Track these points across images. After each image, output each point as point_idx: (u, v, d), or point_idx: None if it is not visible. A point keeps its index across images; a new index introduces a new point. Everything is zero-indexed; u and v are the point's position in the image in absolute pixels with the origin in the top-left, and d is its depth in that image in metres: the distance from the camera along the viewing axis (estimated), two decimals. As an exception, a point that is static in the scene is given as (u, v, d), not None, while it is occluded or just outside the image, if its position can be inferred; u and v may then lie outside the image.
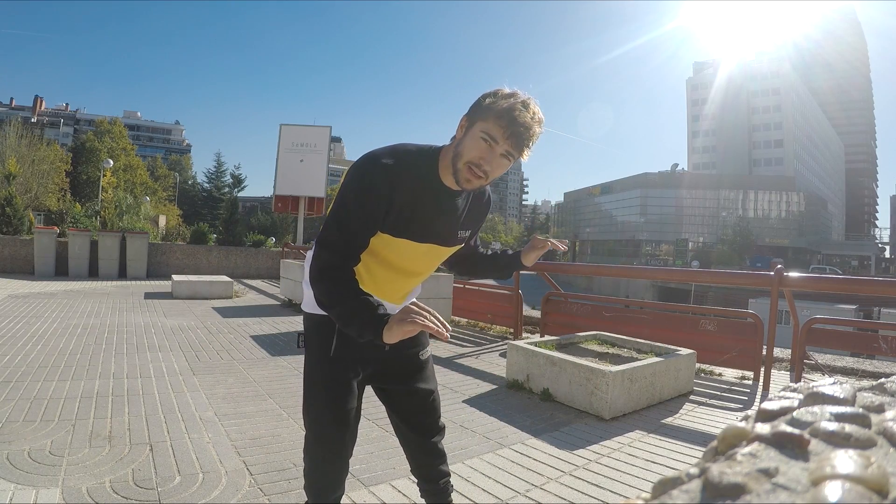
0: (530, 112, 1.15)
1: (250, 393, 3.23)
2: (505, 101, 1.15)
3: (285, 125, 13.65)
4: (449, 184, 1.23)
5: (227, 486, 1.98)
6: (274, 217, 34.44)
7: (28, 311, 5.71)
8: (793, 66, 74.19)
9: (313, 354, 1.35)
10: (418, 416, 1.44)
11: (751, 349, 4.06)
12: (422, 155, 1.24)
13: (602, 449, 2.53)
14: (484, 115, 1.15)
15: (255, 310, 7.00)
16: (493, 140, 1.14)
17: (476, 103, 1.18)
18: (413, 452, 1.47)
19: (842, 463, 0.28)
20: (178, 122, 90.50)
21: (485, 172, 1.17)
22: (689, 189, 62.97)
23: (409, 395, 1.42)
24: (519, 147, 1.15)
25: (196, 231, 12.84)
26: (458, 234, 1.34)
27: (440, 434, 1.48)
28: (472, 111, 1.18)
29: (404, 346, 1.38)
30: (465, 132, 1.18)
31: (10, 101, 79.46)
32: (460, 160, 1.17)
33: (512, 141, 1.14)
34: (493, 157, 1.16)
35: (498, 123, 1.13)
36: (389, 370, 1.40)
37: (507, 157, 1.17)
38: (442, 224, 1.29)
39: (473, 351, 4.88)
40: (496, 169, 1.18)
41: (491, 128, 1.14)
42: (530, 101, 1.17)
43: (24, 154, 25.58)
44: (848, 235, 78.65)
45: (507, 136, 1.13)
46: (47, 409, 2.70)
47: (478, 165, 1.16)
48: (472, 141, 1.16)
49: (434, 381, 1.49)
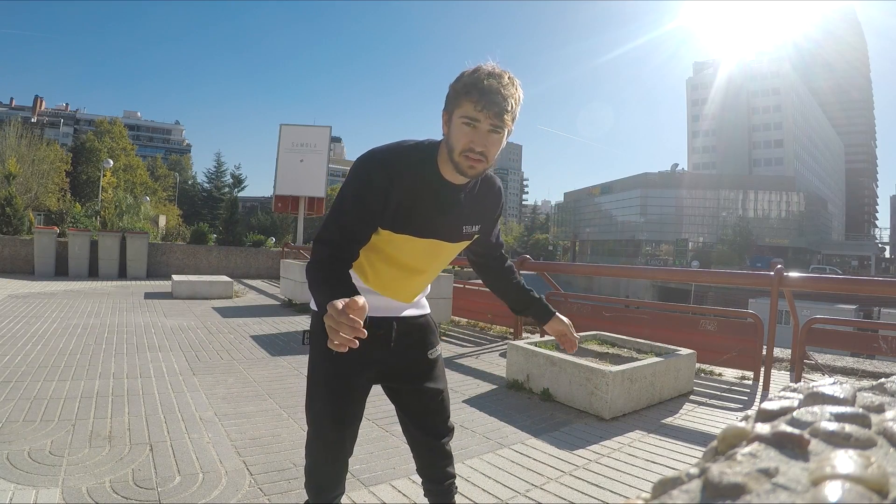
0: (498, 77, 1.12)
1: (250, 393, 3.23)
2: (469, 77, 1.13)
3: (285, 125, 13.65)
4: (450, 178, 1.22)
5: (227, 486, 1.98)
6: (274, 217, 34.43)
7: (28, 311, 5.70)
8: (793, 66, 74.22)
9: (316, 352, 1.35)
10: (426, 416, 1.43)
11: (751, 349, 4.06)
12: (421, 150, 1.23)
13: (602, 449, 2.53)
14: (456, 100, 1.14)
15: (255, 310, 7.00)
16: (475, 120, 1.12)
17: (447, 94, 1.17)
18: (420, 451, 1.46)
19: (842, 463, 0.28)
20: (178, 122, 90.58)
21: (481, 154, 1.15)
22: (689, 189, 62.99)
23: (417, 394, 1.40)
24: (500, 115, 1.11)
25: (196, 231, 12.85)
26: (462, 230, 1.32)
27: (448, 435, 1.46)
28: (446, 102, 1.18)
29: (411, 347, 1.39)
30: (449, 125, 1.17)
31: (10, 101, 79.52)
32: (454, 153, 1.16)
33: (490, 112, 1.11)
34: (481, 137, 1.13)
35: (469, 101, 1.11)
36: (397, 370, 1.39)
37: (495, 130, 1.14)
38: (444, 219, 1.27)
39: (473, 351, 4.88)
40: (490, 147, 1.15)
41: (466, 110, 1.12)
42: (497, 68, 1.14)
43: (24, 154, 25.56)
44: (848, 235, 78.67)
45: (484, 109, 1.10)
46: (47, 409, 2.70)
47: (471, 150, 1.14)
48: (457, 130, 1.14)
49: (443, 381, 1.47)
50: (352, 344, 0.94)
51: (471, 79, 1.12)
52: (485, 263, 1.55)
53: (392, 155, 1.21)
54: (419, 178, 1.22)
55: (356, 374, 1.33)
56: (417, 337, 1.41)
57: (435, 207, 1.25)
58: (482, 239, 1.44)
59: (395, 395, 1.43)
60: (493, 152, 1.17)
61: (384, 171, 1.18)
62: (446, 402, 1.47)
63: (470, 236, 1.36)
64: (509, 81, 1.13)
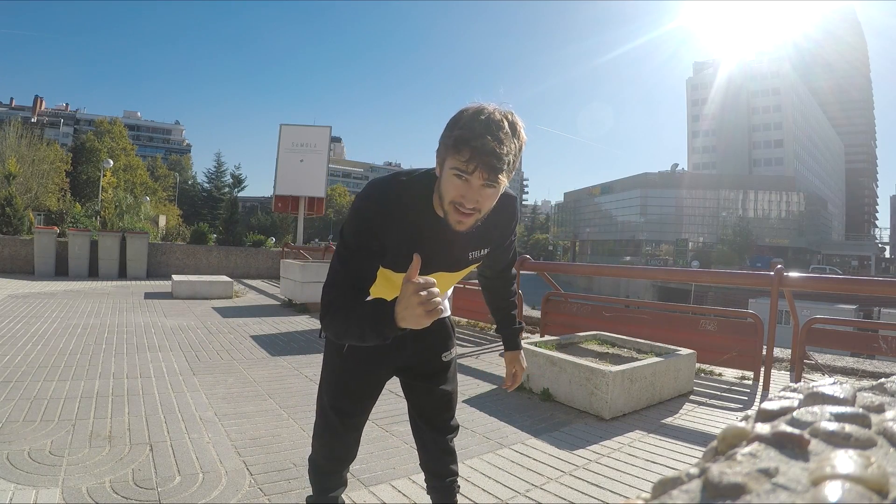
0: (495, 129, 1.02)
1: (250, 393, 3.23)
2: (461, 131, 1.03)
3: (285, 125, 13.64)
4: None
5: (227, 486, 1.98)
6: (274, 217, 34.49)
7: (28, 311, 5.70)
8: (793, 66, 74.20)
9: (329, 349, 1.41)
10: (434, 413, 1.47)
11: (751, 349, 4.06)
12: (418, 186, 1.16)
13: (602, 449, 2.53)
14: (447, 150, 1.05)
15: (255, 310, 7.00)
16: (466, 174, 1.03)
17: (441, 136, 1.08)
18: (425, 445, 1.51)
19: (842, 463, 0.28)
20: (178, 122, 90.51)
21: (472, 209, 1.06)
22: (689, 189, 62.97)
23: (428, 392, 1.45)
24: (493, 175, 1.02)
25: (196, 231, 12.85)
26: (468, 256, 1.27)
27: (453, 433, 1.51)
28: (439, 146, 1.08)
29: (425, 350, 1.43)
30: (441, 171, 1.09)
31: (10, 101, 79.51)
32: (444, 201, 1.09)
33: (483, 172, 1.02)
34: (472, 192, 1.04)
35: (460, 158, 1.02)
36: (410, 367, 1.43)
37: (489, 186, 1.04)
38: (447, 253, 1.23)
39: (473, 351, 4.88)
40: (484, 201, 1.06)
41: (457, 163, 1.03)
42: (497, 113, 1.04)
43: (24, 154, 25.55)
44: (848, 235, 78.67)
45: (476, 168, 1.01)
46: (47, 409, 2.70)
47: (461, 204, 1.05)
48: (447, 181, 1.06)
49: (454, 383, 1.51)
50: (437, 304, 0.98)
51: (463, 133, 1.02)
52: (487, 285, 1.58)
53: (387, 195, 1.16)
54: (417, 217, 1.16)
55: (367, 370, 1.38)
56: (431, 341, 1.43)
57: (437, 244, 1.19)
58: (492, 261, 1.41)
59: (408, 389, 1.49)
60: (487, 205, 1.08)
61: (377, 215, 1.14)
62: (454, 401, 1.51)
63: (477, 260, 1.31)
64: (509, 132, 1.03)
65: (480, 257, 1.31)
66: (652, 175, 66.27)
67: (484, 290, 1.60)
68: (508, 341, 1.57)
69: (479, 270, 1.51)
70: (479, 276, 1.56)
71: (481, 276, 1.56)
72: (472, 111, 1.05)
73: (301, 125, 13.98)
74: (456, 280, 1.37)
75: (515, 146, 1.05)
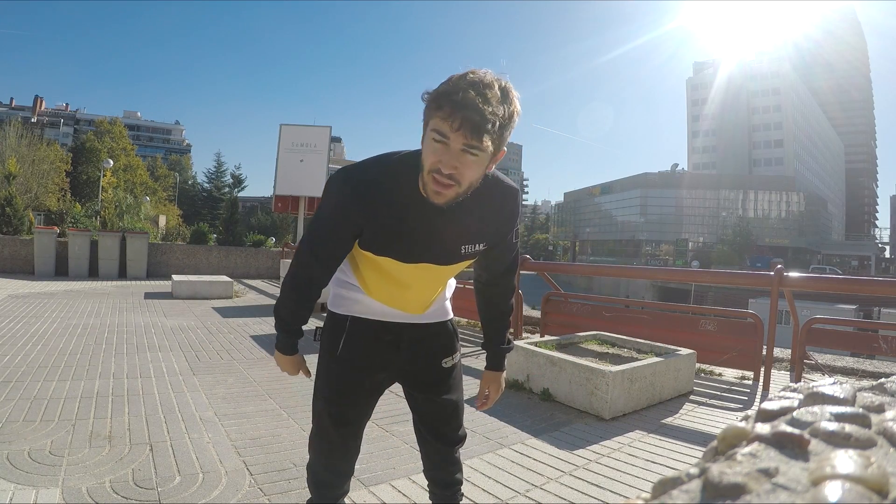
0: (483, 88, 0.93)
1: (250, 393, 3.23)
2: (445, 85, 0.95)
3: (285, 125, 13.62)
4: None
5: (227, 486, 1.98)
6: (274, 217, 34.46)
7: (28, 311, 5.70)
8: (793, 66, 74.20)
9: (324, 351, 1.34)
10: (438, 424, 1.39)
11: (751, 349, 4.06)
12: (404, 165, 1.08)
13: (602, 449, 2.53)
14: (428, 110, 0.97)
15: (255, 310, 7.00)
16: (445, 136, 0.94)
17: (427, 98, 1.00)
18: (429, 454, 1.43)
19: (842, 463, 0.28)
20: (178, 122, 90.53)
21: (450, 178, 0.97)
22: (689, 189, 63.03)
23: (431, 402, 1.36)
24: (476, 134, 0.92)
25: (196, 231, 12.85)
26: (461, 250, 1.17)
27: (459, 443, 1.42)
28: (424, 110, 1.00)
29: (423, 354, 1.34)
30: (423, 136, 1.00)
31: (10, 101, 79.45)
32: (423, 170, 1.00)
33: (464, 130, 0.92)
34: (451, 157, 0.95)
35: (440, 115, 0.93)
36: (409, 374, 1.35)
37: (469, 150, 0.95)
38: (434, 241, 1.13)
39: (473, 351, 4.87)
40: (464, 169, 0.97)
41: (437, 123, 0.94)
42: (488, 76, 0.95)
43: (24, 154, 25.54)
44: (848, 235, 78.69)
45: (456, 125, 0.92)
46: (47, 409, 2.70)
47: (438, 171, 0.97)
48: (427, 146, 0.98)
49: (458, 391, 1.40)
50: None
51: (446, 87, 0.95)
52: (482, 291, 1.41)
53: (368, 174, 1.10)
54: (401, 198, 1.08)
55: (362, 375, 1.30)
56: (430, 344, 1.34)
57: (423, 230, 1.11)
58: (489, 261, 1.31)
59: (410, 399, 1.41)
60: (469, 175, 0.99)
61: (354, 194, 1.08)
62: (460, 411, 1.41)
63: (472, 255, 1.21)
64: (498, 94, 0.95)
65: (475, 253, 1.20)
66: (652, 175, 66.31)
67: (477, 296, 1.42)
68: (493, 360, 1.43)
69: (475, 274, 1.38)
70: (474, 280, 1.41)
71: (476, 280, 1.40)
72: (462, 73, 0.97)
73: (301, 125, 13.96)
74: (448, 276, 1.28)
75: (505, 111, 0.95)
